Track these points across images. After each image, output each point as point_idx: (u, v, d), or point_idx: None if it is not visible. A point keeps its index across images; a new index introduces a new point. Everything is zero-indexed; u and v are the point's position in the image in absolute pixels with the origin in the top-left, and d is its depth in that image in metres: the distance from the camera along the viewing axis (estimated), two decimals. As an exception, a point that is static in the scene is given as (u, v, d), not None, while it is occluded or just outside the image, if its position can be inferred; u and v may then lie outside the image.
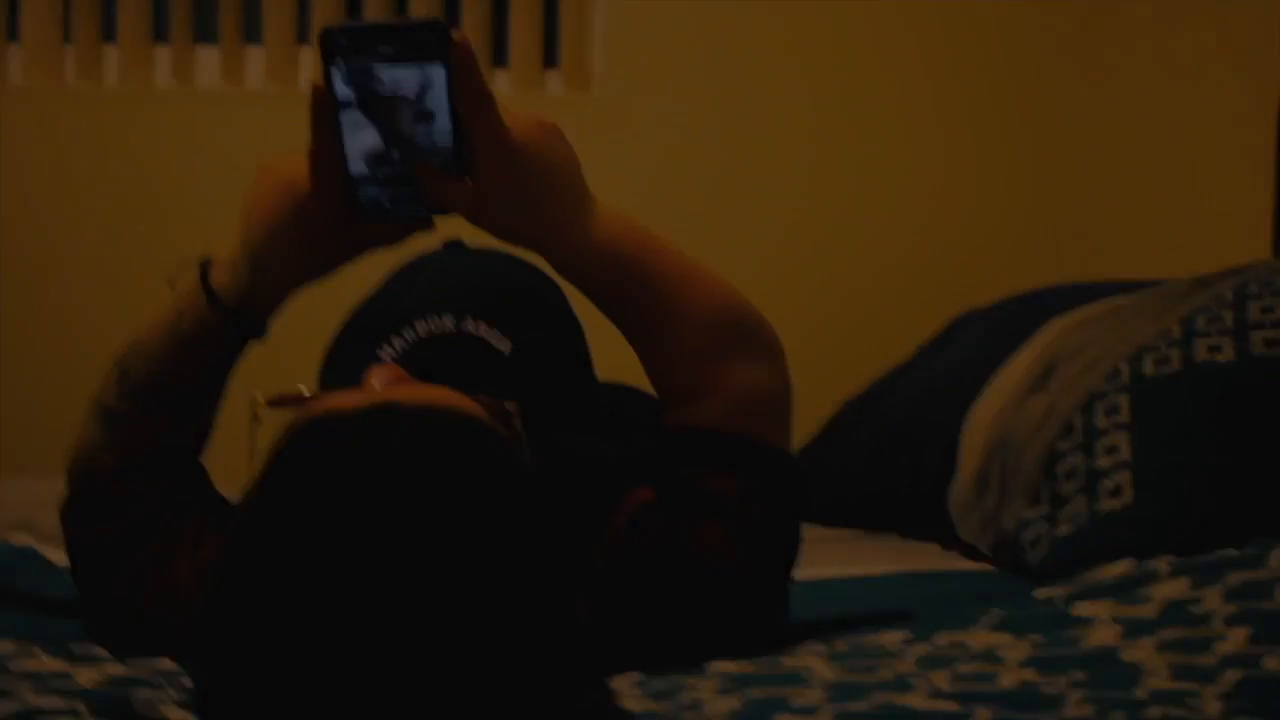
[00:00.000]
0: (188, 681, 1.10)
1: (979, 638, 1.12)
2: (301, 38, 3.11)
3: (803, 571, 1.24)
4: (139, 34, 3.03)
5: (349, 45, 1.12)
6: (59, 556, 1.63)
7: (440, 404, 0.97)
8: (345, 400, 0.97)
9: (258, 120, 3.07)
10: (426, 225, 1.23)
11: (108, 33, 3.05)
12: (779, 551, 1.23)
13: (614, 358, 1.58)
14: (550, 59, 3.22)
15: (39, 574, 1.53)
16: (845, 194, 3.12)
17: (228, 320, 1.23)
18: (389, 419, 0.93)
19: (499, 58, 3.18)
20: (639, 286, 1.22)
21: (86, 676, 1.06)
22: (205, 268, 1.25)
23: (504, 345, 1.41)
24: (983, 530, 1.59)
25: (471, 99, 1.13)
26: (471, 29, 3.14)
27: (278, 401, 1.08)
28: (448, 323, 1.41)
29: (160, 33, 3.07)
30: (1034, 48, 3.10)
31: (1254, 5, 2.40)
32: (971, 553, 1.66)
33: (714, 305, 1.24)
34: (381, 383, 1.05)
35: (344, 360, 1.45)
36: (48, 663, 1.12)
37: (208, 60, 3.09)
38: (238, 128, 3.05)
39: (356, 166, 1.15)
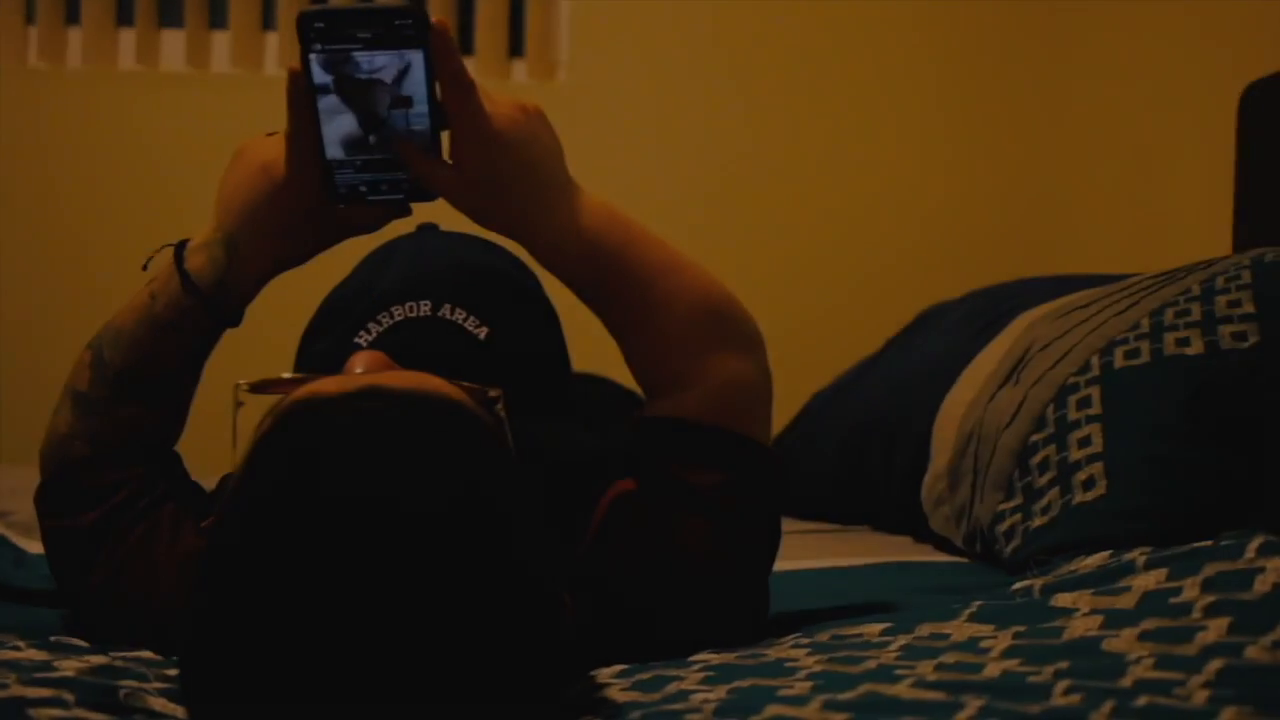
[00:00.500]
0: (170, 671, 1.10)
1: (960, 629, 1.13)
2: (267, 23, 3.10)
3: (777, 564, 1.25)
4: (103, 16, 3.01)
5: (326, 29, 1.12)
6: (32, 545, 1.63)
7: (425, 388, 0.97)
8: (329, 384, 0.97)
9: (222, 104, 3.05)
10: (403, 211, 1.23)
11: (72, 15, 3.03)
12: (760, 545, 1.24)
13: (588, 347, 1.58)
14: (516, 48, 3.22)
15: (12, 563, 1.52)
16: (810, 185, 3.13)
17: (203, 305, 1.22)
18: (374, 403, 0.93)
19: (465, 46, 3.17)
20: (620, 276, 1.22)
21: (69, 666, 1.05)
22: (179, 251, 1.24)
23: (480, 331, 1.40)
24: (955, 523, 1.60)
25: (451, 84, 1.13)
26: (438, 16, 3.13)
27: (260, 387, 1.07)
28: (424, 308, 1.41)
29: (125, 16, 3.06)
30: (997, 44, 3.12)
31: (1216, 4, 2.42)
32: (943, 545, 1.68)
33: (696, 296, 1.24)
34: (364, 368, 1.05)
35: (321, 346, 1.45)
36: (29, 653, 1.11)
37: (172, 44, 3.08)
38: (202, 111, 3.04)
39: (334, 151, 1.15)
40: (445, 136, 1.18)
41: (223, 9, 3.07)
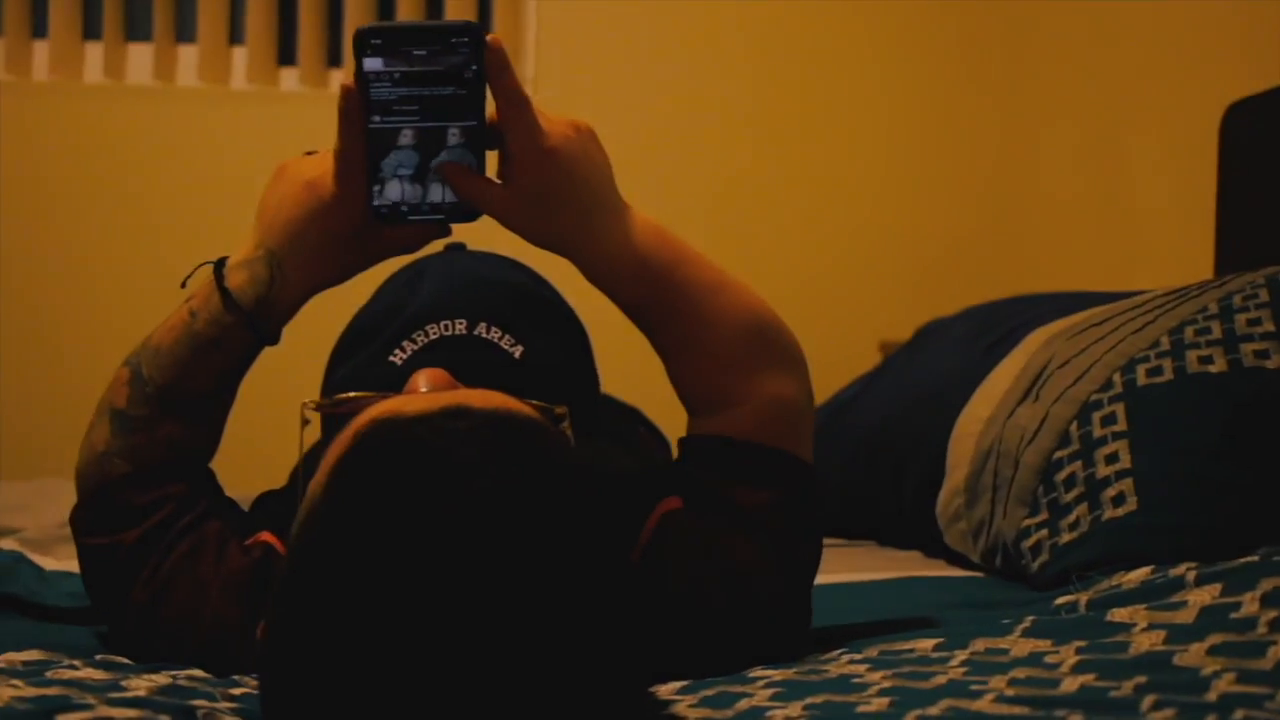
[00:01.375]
0: (234, 690, 1.09)
1: (1017, 644, 1.14)
2: (234, 38, 3.09)
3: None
4: (70, 29, 2.98)
5: (383, 45, 1.11)
6: (48, 561, 1.60)
7: (508, 408, 0.97)
8: (410, 403, 0.96)
9: (188, 117, 3.03)
10: (443, 231, 1.22)
11: (39, 28, 3.01)
12: (805, 562, 1.24)
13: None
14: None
15: (36, 580, 1.50)
16: (781, 202, 3.15)
17: (244, 323, 1.21)
18: (462, 422, 0.92)
19: (434, 61, 3.17)
20: (670, 295, 1.22)
21: (138, 686, 1.03)
22: (219, 268, 1.23)
23: (515, 350, 1.40)
24: (973, 538, 1.61)
25: (506, 101, 1.13)
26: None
27: (326, 405, 1.07)
28: (460, 326, 1.41)
29: (92, 29, 3.03)
30: (977, 63, 3.15)
31: (1199, 25, 2.46)
32: (957, 560, 1.69)
33: (744, 315, 1.24)
34: (429, 385, 1.05)
35: (352, 364, 1.44)
36: (87, 671, 1.09)
37: (139, 57, 3.06)
38: (168, 124, 3.02)
39: (385, 163, 1.14)
40: (490, 156, 1.18)
41: (190, 23, 3.05)
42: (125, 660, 1.17)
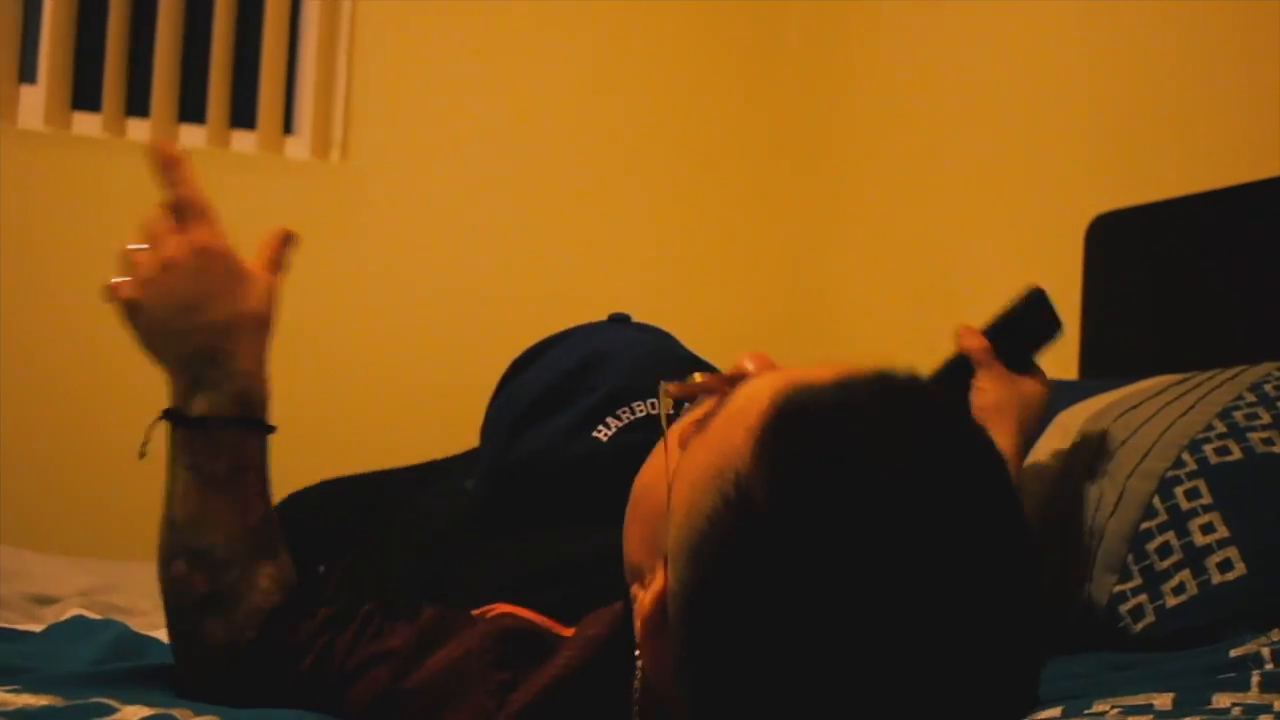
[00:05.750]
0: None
1: (1269, 700, 1.24)
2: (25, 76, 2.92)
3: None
4: None
5: None
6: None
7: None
8: (815, 372, 0.95)
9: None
10: None
11: None
12: None
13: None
14: (289, 126, 3.16)
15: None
16: (581, 276, 3.20)
17: (250, 429, 1.21)
18: (879, 384, 0.93)
19: (246, 121, 3.09)
20: None
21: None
22: (174, 415, 1.21)
23: None
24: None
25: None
26: (216, 94, 3.03)
27: (685, 388, 1.06)
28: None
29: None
30: (824, 165, 3.28)
31: (1066, 134, 2.68)
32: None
33: None
34: (754, 364, 1.05)
35: (547, 431, 1.41)
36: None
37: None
38: None
39: None
40: None
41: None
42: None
